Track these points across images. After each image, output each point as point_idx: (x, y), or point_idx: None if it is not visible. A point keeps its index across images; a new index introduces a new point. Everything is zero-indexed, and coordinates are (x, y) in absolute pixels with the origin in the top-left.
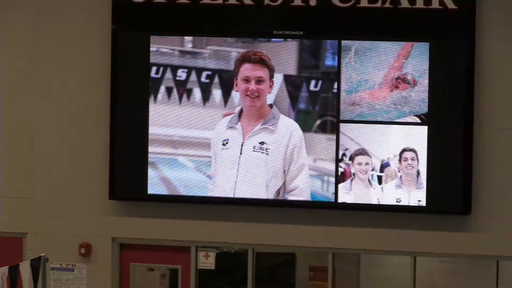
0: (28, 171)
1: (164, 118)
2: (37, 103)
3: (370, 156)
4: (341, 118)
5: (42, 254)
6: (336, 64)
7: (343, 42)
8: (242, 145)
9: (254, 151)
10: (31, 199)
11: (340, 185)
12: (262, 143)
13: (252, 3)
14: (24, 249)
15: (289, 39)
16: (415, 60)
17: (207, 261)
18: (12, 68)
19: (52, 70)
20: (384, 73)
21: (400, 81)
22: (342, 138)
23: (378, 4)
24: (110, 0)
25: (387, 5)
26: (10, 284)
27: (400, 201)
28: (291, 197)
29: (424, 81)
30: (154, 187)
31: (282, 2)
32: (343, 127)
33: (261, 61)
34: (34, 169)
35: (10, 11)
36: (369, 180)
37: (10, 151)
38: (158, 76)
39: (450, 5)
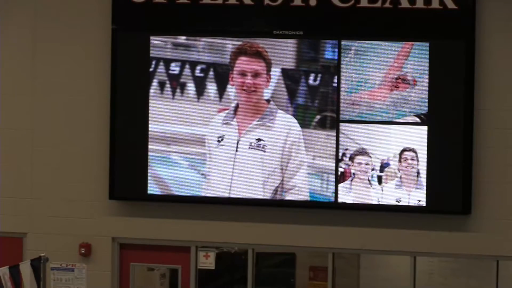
0: (28, 171)
1: (157, 113)
2: (37, 103)
3: (370, 156)
4: (341, 118)
5: (42, 254)
6: (336, 57)
7: (343, 42)
8: (238, 142)
9: (250, 148)
10: (31, 199)
11: (340, 185)
12: (259, 139)
13: (252, 3)
14: (24, 249)
15: None
16: (415, 60)
17: (207, 261)
18: (12, 68)
19: (52, 70)
20: (384, 73)
21: (400, 81)
22: (342, 138)
23: (378, 4)
24: (110, 0)
25: (387, 5)
26: (13, 284)
27: (400, 201)
28: (289, 196)
29: (424, 81)
30: (151, 186)
31: (282, 2)
32: (343, 127)
33: (258, 54)
34: (34, 169)
35: (10, 11)
36: (369, 180)
37: (10, 151)
38: (151, 69)
39: (450, 5)
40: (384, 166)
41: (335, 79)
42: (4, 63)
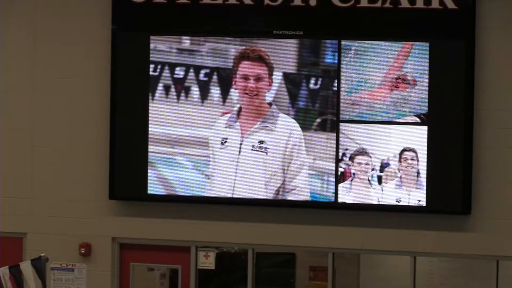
0: (28, 171)
1: (162, 116)
2: (37, 103)
3: (370, 156)
4: (341, 118)
5: (42, 254)
6: (336, 61)
7: (343, 42)
8: (240, 144)
9: (253, 150)
10: (31, 199)
11: (340, 185)
12: (261, 142)
13: (252, 3)
14: (24, 249)
15: None
16: (415, 60)
17: (207, 261)
18: (12, 68)
19: (52, 71)
20: (384, 73)
21: (400, 81)
22: (342, 138)
23: (378, 4)
24: (110, 0)
25: (387, 5)
26: (16, 285)
27: (400, 201)
28: (290, 197)
29: (424, 81)
30: (154, 187)
31: (282, 2)
32: (343, 127)
33: (260, 59)
34: (34, 169)
35: (10, 11)
36: (369, 180)
37: (10, 151)
38: (156, 74)
39: (450, 5)
40: (384, 166)
41: (335, 83)
42: (4, 63)
